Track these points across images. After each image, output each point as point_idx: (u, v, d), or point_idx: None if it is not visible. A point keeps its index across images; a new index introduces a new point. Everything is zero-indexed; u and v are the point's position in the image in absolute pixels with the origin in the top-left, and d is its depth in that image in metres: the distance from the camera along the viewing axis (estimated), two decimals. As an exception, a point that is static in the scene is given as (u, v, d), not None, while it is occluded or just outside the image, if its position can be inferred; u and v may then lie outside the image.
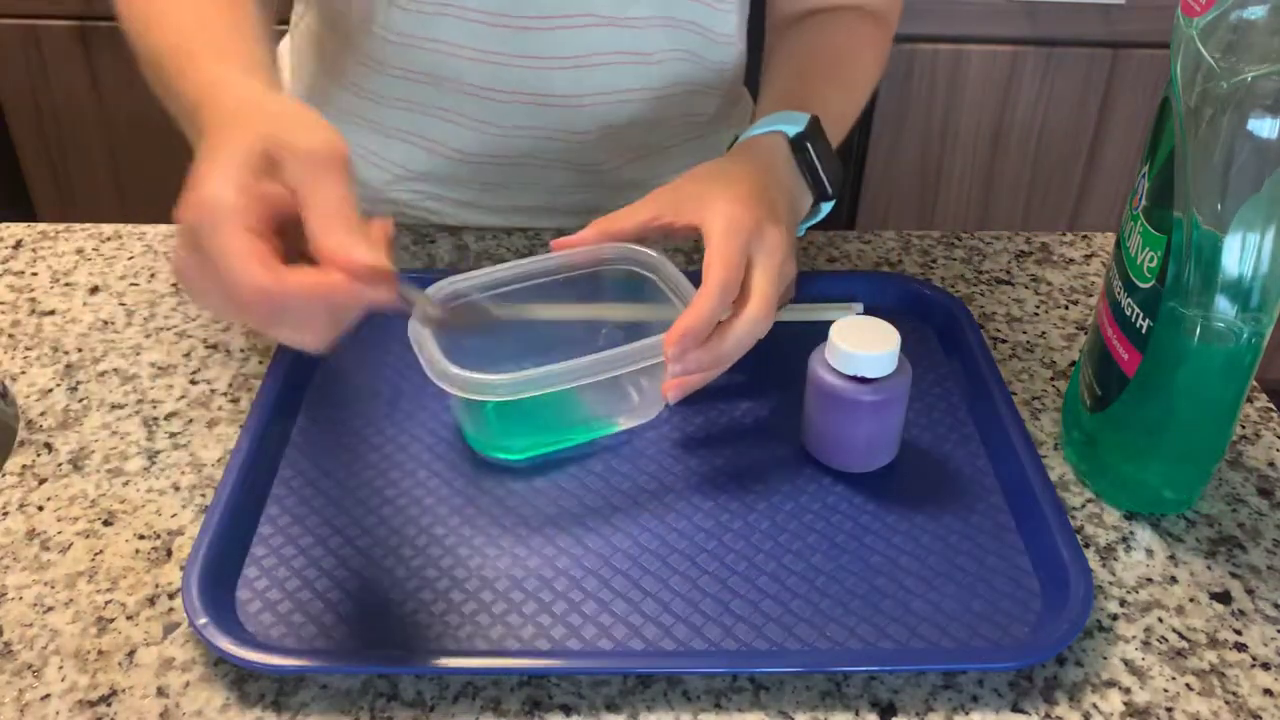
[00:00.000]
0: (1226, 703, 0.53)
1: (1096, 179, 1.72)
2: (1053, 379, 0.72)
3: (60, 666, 0.53)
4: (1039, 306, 0.79)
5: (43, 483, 0.63)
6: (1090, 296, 0.80)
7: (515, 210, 0.88)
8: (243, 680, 0.53)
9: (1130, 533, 0.61)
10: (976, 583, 0.57)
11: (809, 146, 0.69)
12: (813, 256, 0.83)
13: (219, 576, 0.56)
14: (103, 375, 0.71)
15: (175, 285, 0.79)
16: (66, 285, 0.79)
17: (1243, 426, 0.69)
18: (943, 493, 0.63)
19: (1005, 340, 0.76)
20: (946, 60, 1.61)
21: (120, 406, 0.68)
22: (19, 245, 0.83)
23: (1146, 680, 0.54)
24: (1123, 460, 0.62)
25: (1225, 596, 0.58)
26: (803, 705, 0.52)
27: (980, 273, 0.82)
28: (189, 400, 0.69)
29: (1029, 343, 0.75)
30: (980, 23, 1.59)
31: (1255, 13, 0.49)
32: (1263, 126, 0.50)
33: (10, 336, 0.74)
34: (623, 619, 0.55)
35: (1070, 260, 0.84)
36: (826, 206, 0.72)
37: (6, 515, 0.61)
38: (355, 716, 0.51)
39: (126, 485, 0.63)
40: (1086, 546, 0.60)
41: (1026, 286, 0.81)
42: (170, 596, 0.57)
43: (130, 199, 1.76)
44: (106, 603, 0.56)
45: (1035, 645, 0.54)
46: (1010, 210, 1.75)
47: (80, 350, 0.73)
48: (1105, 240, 0.87)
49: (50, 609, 0.56)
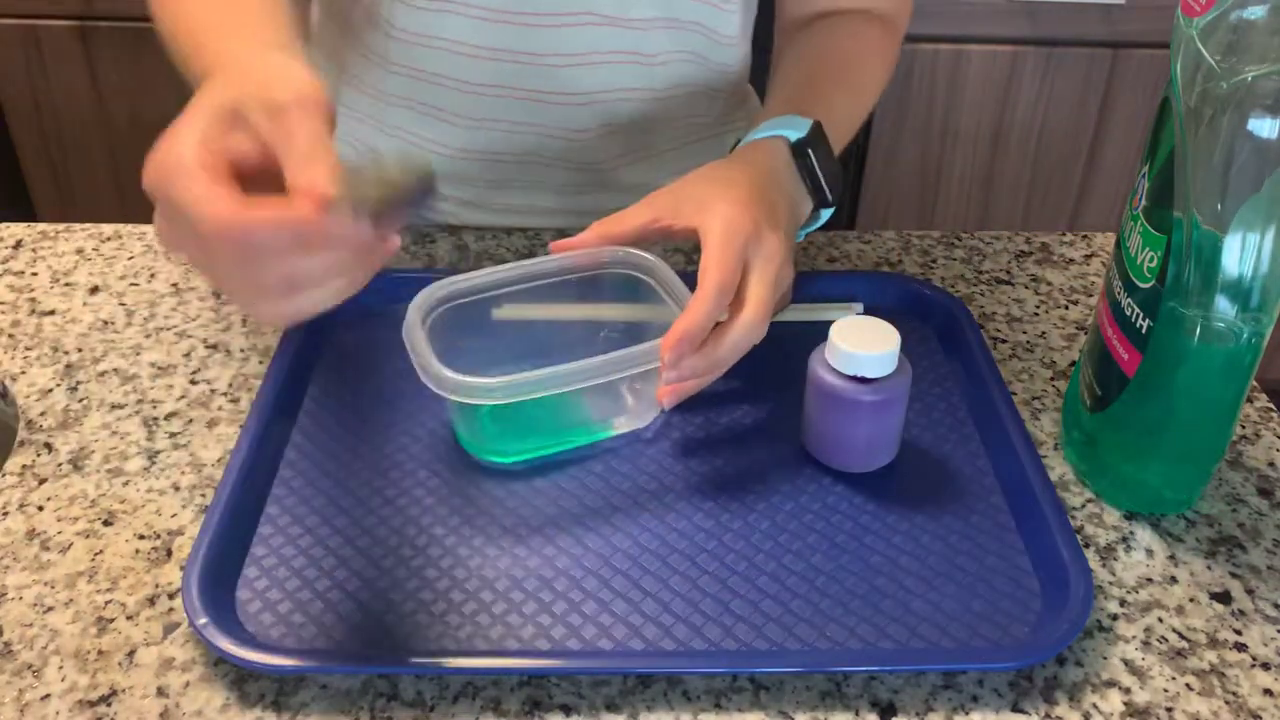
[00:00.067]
0: (1226, 703, 0.53)
1: (1096, 179, 1.72)
2: (1053, 379, 0.72)
3: (60, 666, 0.53)
4: (1039, 306, 0.79)
5: (43, 483, 0.63)
6: (1090, 296, 0.80)
7: (516, 210, 0.88)
8: (243, 680, 0.53)
9: (1130, 533, 0.61)
10: (976, 583, 0.57)
11: (810, 152, 0.69)
12: (813, 256, 0.83)
13: (219, 576, 0.56)
14: (103, 375, 0.71)
15: (175, 286, 0.79)
16: (66, 285, 0.79)
17: (1243, 426, 0.69)
18: (943, 493, 0.63)
19: (1005, 340, 0.76)
20: (946, 60, 1.61)
21: (120, 406, 0.68)
22: (19, 245, 0.83)
23: (1146, 680, 0.54)
24: (1123, 460, 0.62)
25: (1225, 596, 0.58)
26: (803, 705, 0.52)
27: (980, 273, 0.82)
28: (189, 400, 0.69)
29: (1029, 343, 0.75)
30: (980, 23, 1.59)
31: (1255, 13, 0.49)
32: (1263, 126, 0.50)
33: (10, 336, 0.74)
34: (623, 619, 0.55)
35: (1070, 260, 0.84)
36: (826, 213, 0.72)
37: (6, 515, 0.61)
38: (355, 716, 0.51)
39: (126, 485, 0.63)
40: (1086, 546, 0.60)
41: (1026, 286, 0.81)
42: (170, 596, 0.57)
43: (130, 199, 1.76)
44: (106, 603, 0.56)
45: (1035, 645, 0.54)
46: (1010, 210, 1.75)
47: (80, 350, 0.73)
48: (1105, 240, 0.87)
49: (50, 609, 0.56)
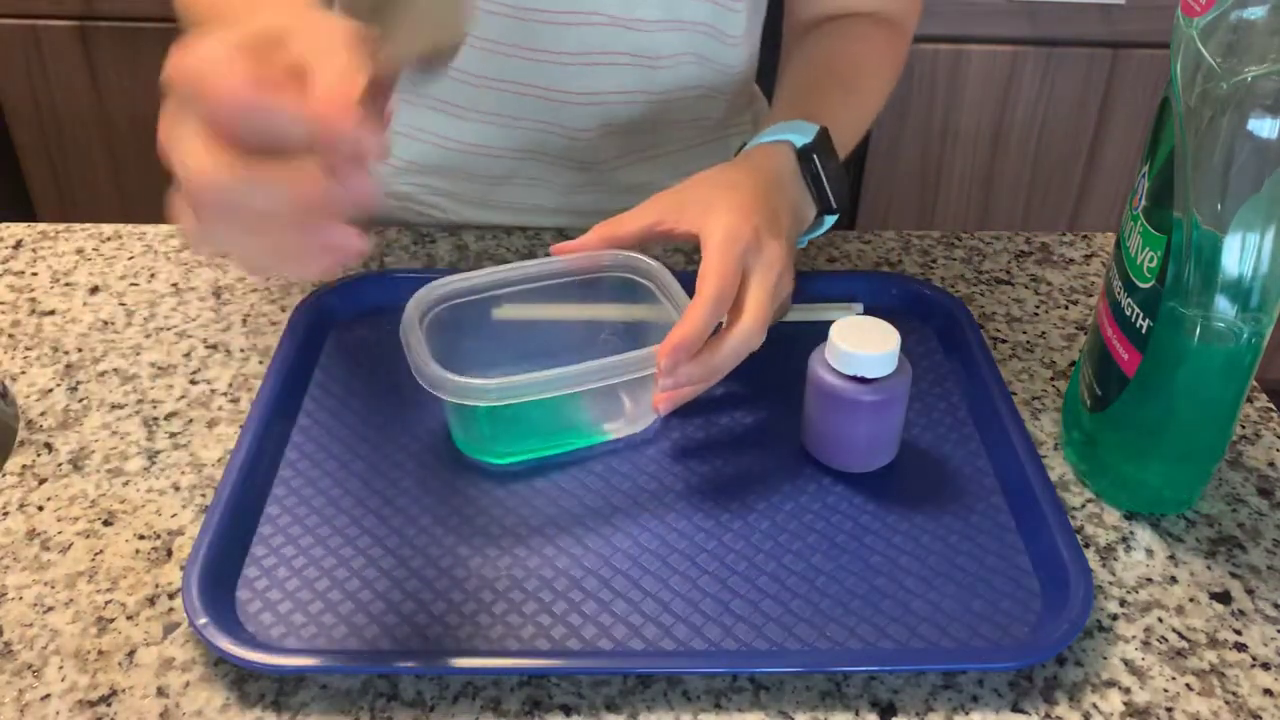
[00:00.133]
0: (1226, 703, 0.53)
1: (1096, 179, 1.72)
2: (1053, 379, 0.72)
3: (60, 666, 0.53)
4: (1039, 306, 0.79)
5: (43, 483, 0.63)
6: (1090, 296, 0.80)
7: (517, 208, 0.88)
8: (243, 680, 0.53)
9: (1130, 533, 0.61)
10: (976, 583, 0.57)
11: (815, 158, 0.68)
12: (813, 256, 0.83)
13: (219, 576, 0.56)
14: (103, 375, 0.71)
15: (175, 286, 0.79)
16: (66, 285, 0.79)
17: (1243, 426, 0.69)
18: (943, 493, 0.63)
19: (1005, 340, 0.76)
20: (946, 60, 1.61)
21: (120, 406, 0.68)
22: (19, 245, 0.83)
23: (1146, 680, 0.54)
24: (1123, 460, 0.62)
25: (1225, 596, 0.58)
26: (803, 705, 0.52)
27: (980, 273, 0.82)
28: (189, 400, 0.69)
29: (1029, 343, 0.75)
30: (980, 23, 1.59)
31: (1255, 13, 0.49)
32: (1263, 126, 0.50)
33: (10, 336, 0.74)
34: (623, 619, 0.55)
35: (1070, 260, 0.84)
36: (830, 219, 0.71)
37: (6, 515, 0.61)
38: (355, 716, 0.51)
39: (126, 485, 0.63)
40: (1086, 546, 0.60)
41: (1026, 286, 0.81)
42: (170, 596, 0.57)
43: (130, 199, 1.76)
44: (106, 603, 0.56)
45: (1035, 645, 0.54)
46: (1010, 210, 1.75)
47: (80, 350, 0.73)
48: (1105, 240, 0.87)
49: (50, 609, 0.56)
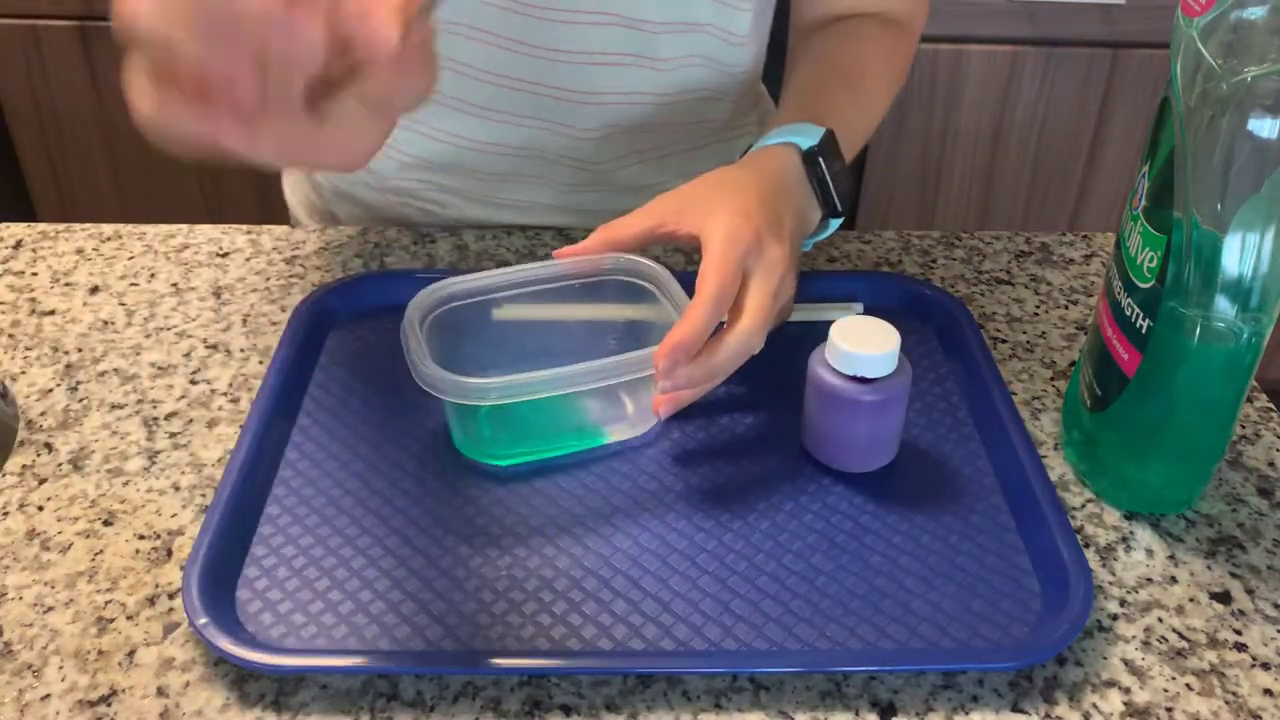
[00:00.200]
0: (1226, 703, 0.53)
1: (1096, 179, 1.72)
2: (1053, 379, 0.72)
3: (60, 666, 0.53)
4: (1039, 306, 0.79)
5: (43, 483, 0.63)
6: (1090, 296, 0.80)
7: (521, 206, 0.88)
8: (243, 680, 0.53)
9: (1130, 533, 0.61)
10: (976, 583, 0.57)
11: (821, 161, 0.68)
12: (813, 256, 0.83)
13: (219, 576, 0.56)
14: (103, 375, 0.71)
15: (175, 286, 0.79)
16: (66, 285, 0.79)
17: (1243, 426, 0.69)
18: (943, 493, 0.63)
19: (1005, 340, 0.76)
20: (946, 60, 1.61)
21: (120, 406, 0.68)
22: (19, 245, 0.83)
23: (1146, 680, 0.54)
24: (1123, 460, 0.62)
25: (1225, 596, 0.58)
26: (803, 705, 0.52)
27: (980, 273, 0.82)
28: (189, 400, 0.69)
29: (1029, 343, 0.75)
30: (980, 23, 1.59)
31: (1255, 13, 0.49)
32: (1263, 126, 0.50)
33: (10, 336, 0.74)
34: (623, 619, 0.55)
35: (1070, 260, 0.84)
36: (835, 223, 0.71)
37: (6, 515, 0.61)
38: (355, 716, 0.51)
39: (126, 485, 0.63)
40: (1086, 546, 0.60)
41: (1026, 286, 0.81)
42: (170, 596, 0.57)
43: (130, 199, 1.76)
44: (106, 603, 0.56)
45: (1035, 645, 0.54)
46: (1010, 210, 1.75)
47: (80, 350, 0.73)
48: (1105, 240, 0.87)
49: (50, 609, 0.56)
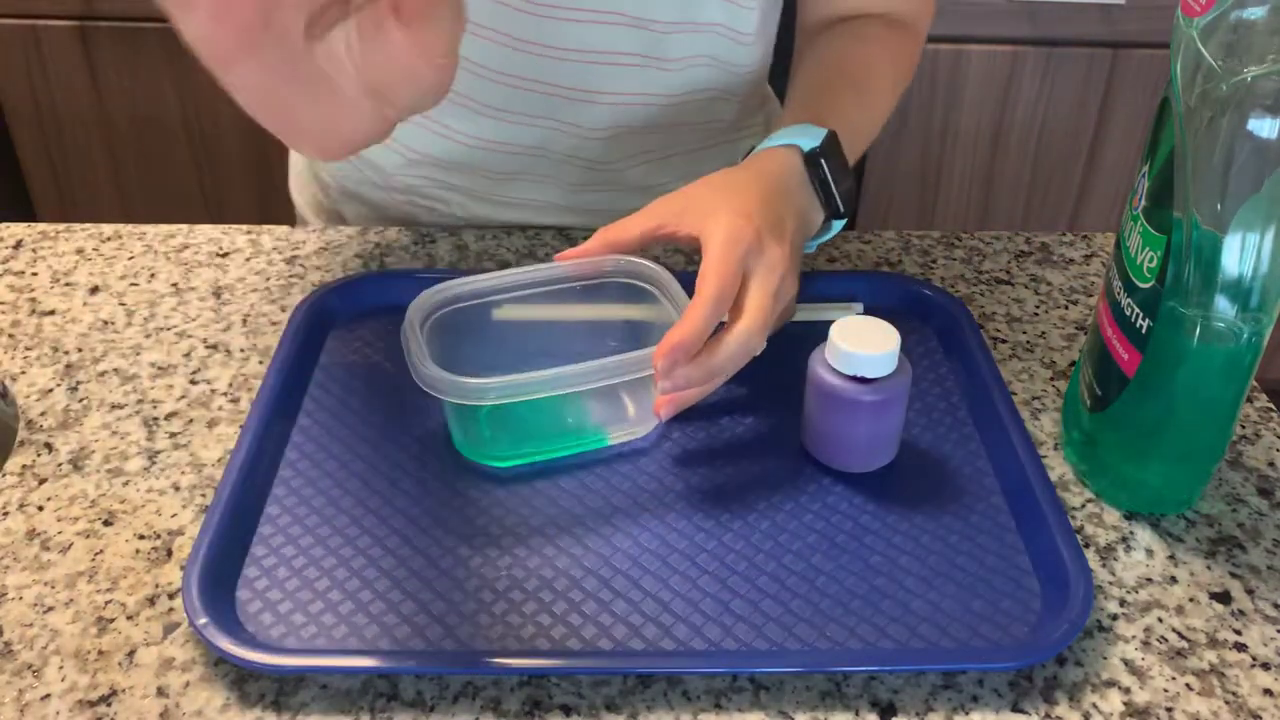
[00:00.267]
0: (1226, 703, 0.53)
1: (1096, 179, 1.72)
2: (1053, 379, 0.72)
3: (60, 666, 0.53)
4: (1039, 306, 0.79)
5: (43, 483, 0.63)
6: (1090, 296, 0.80)
7: (527, 205, 0.88)
8: (243, 680, 0.53)
9: (1130, 533, 0.61)
10: (976, 583, 0.57)
11: (823, 163, 0.68)
12: (813, 256, 0.83)
13: (219, 576, 0.56)
14: (103, 375, 0.71)
15: (175, 286, 0.79)
16: (66, 285, 0.79)
17: (1243, 426, 0.69)
18: (943, 493, 0.63)
19: (1005, 340, 0.76)
20: (946, 60, 1.61)
21: (120, 406, 0.68)
22: (19, 245, 0.83)
23: (1146, 680, 0.54)
24: (1123, 460, 0.62)
25: (1225, 596, 0.58)
26: (803, 705, 0.52)
27: (980, 273, 0.82)
28: (189, 400, 0.69)
29: (1029, 343, 0.75)
30: (980, 23, 1.59)
31: (1255, 13, 0.49)
32: (1263, 126, 0.50)
33: (10, 336, 0.74)
34: (623, 619, 0.55)
35: (1070, 260, 0.84)
36: (838, 224, 0.71)
37: (6, 515, 0.61)
38: (355, 716, 0.51)
39: (126, 485, 0.63)
40: (1086, 546, 0.60)
41: (1026, 286, 0.81)
42: (170, 596, 0.57)
43: (130, 199, 1.76)
44: (106, 603, 0.56)
45: (1035, 645, 0.54)
46: (1010, 210, 1.75)
47: (80, 350, 0.73)
48: (1105, 240, 0.87)
49: (50, 609, 0.56)
